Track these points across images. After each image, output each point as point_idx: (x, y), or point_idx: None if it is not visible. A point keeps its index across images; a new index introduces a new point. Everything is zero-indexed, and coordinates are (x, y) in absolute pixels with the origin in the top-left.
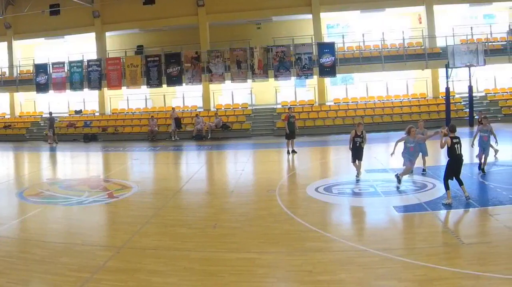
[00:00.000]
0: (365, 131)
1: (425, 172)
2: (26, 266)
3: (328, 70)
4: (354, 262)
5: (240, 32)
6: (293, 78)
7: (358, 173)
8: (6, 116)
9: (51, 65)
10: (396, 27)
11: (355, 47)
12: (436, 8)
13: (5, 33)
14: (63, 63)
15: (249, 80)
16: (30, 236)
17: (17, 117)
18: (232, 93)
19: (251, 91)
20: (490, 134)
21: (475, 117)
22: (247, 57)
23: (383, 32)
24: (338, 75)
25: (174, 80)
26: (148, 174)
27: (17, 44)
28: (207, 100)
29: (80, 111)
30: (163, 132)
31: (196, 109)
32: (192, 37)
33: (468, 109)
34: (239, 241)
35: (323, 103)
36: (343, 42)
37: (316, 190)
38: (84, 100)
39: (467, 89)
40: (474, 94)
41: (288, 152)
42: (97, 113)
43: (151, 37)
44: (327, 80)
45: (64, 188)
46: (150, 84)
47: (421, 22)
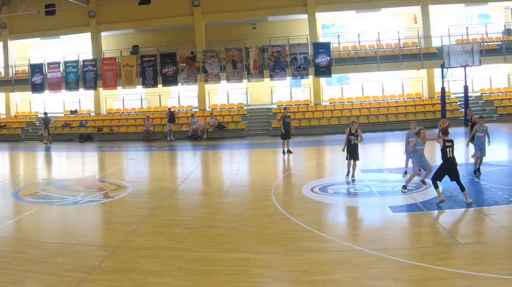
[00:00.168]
0: (359, 130)
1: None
2: (21, 266)
3: (324, 70)
4: (350, 262)
5: (235, 32)
6: (288, 78)
7: (353, 173)
8: (1, 116)
9: (46, 65)
10: (391, 27)
11: (350, 47)
12: (432, 8)
13: (1, 33)
14: (59, 63)
15: (245, 80)
16: (26, 236)
17: (12, 117)
18: (228, 93)
19: (246, 91)
20: (486, 134)
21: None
22: (242, 57)
23: (378, 32)
24: (333, 75)
25: (170, 80)
26: (144, 174)
27: (12, 44)
28: (203, 100)
29: (76, 111)
30: (158, 133)
31: (191, 109)
32: (188, 37)
33: (463, 109)
34: (235, 241)
35: (319, 103)
36: (339, 42)
37: (312, 190)
38: (80, 100)
39: (462, 89)
40: (469, 94)
41: (284, 152)
42: (92, 113)
43: (146, 37)
44: (323, 80)
45: (60, 188)
46: (145, 84)
47: (416, 22)
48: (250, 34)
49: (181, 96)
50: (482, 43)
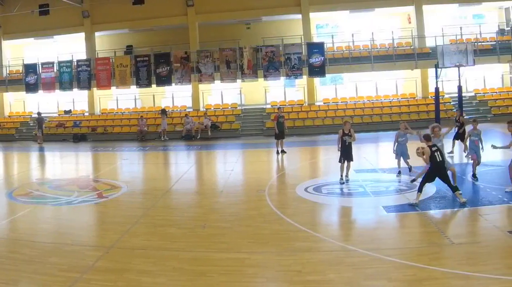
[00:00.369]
0: (352, 129)
1: (411, 172)
2: (15, 266)
3: (318, 70)
4: (344, 262)
5: (229, 32)
6: (282, 78)
7: (346, 173)
8: None
9: (40, 65)
10: (385, 27)
11: (344, 47)
12: (426, 8)
13: None
14: (53, 63)
15: (239, 80)
16: (20, 236)
17: (6, 117)
18: (222, 93)
19: (240, 91)
20: (479, 138)
21: (465, 117)
22: (236, 57)
23: (372, 32)
24: (327, 75)
25: (164, 80)
26: (138, 174)
27: (6, 44)
28: (197, 100)
29: (70, 111)
30: (152, 132)
31: (185, 109)
32: (182, 37)
33: (457, 109)
34: (229, 241)
35: (313, 103)
36: (333, 42)
37: (306, 190)
38: (74, 100)
39: (456, 89)
40: (463, 94)
41: (278, 152)
42: (86, 113)
43: (140, 37)
44: (317, 80)
45: (54, 188)
46: (139, 84)
47: (410, 22)
48: (244, 34)
49: (175, 96)
50: (476, 43)
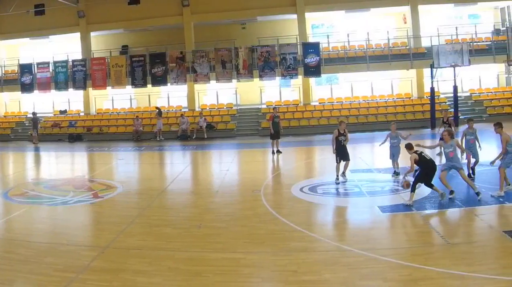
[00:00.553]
0: (347, 130)
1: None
2: (10, 266)
3: (313, 70)
4: (339, 262)
5: (225, 32)
6: (278, 78)
7: (343, 171)
8: None
9: (36, 65)
10: (381, 27)
11: (340, 47)
12: (421, 8)
13: None
14: (48, 63)
15: (234, 80)
16: (15, 236)
17: (1, 117)
18: (217, 93)
19: (236, 91)
20: (475, 137)
21: (460, 117)
22: (232, 57)
23: (368, 32)
24: (323, 75)
25: (159, 80)
26: (133, 174)
27: (1, 44)
28: (192, 100)
29: (65, 111)
30: (148, 132)
31: (181, 109)
32: (177, 37)
33: (453, 109)
34: (224, 241)
35: (308, 103)
36: (328, 42)
37: (301, 190)
38: (69, 100)
39: (452, 89)
40: (459, 94)
41: (273, 152)
42: (82, 113)
43: (136, 37)
44: (312, 80)
45: (49, 188)
46: (135, 84)
47: (406, 22)
48: (240, 34)
49: (171, 96)
50: (471, 43)
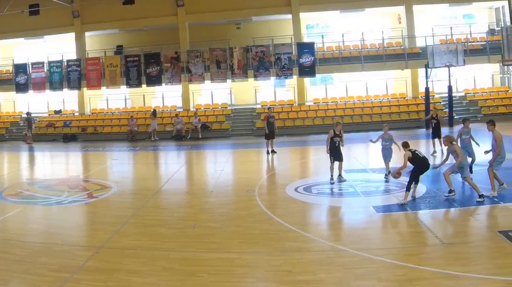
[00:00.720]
0: (343, 131)
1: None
2: (5, 266)
3: (308, 70)
4: (334, 262)
5: (219, 32)
6: (272, 78)
7: (340, 172)
8: None
9: (30, 65)
10: (375, 27)
11: (334, 47)
12: (416, 8)
13: None
14: (43, 63)
15: (229, 80)
16: (10, 236)
17: None
18: (212, 93)
19: (230, 91)
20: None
21: (455, 117)
22: (226, 57)
23: (362, 32)
24: (317, 75)
25: (154, 80)
26: (128, 174)
27: None
28: (187, 100)
29: (60, 111)
30: (142, 132)
31: (175, 109)
32: (172, 37)
33: (447, 110)
34: (219, 241)
35: (303, 103)
36: (323, 42)
37: (296, 190)
38: (64, 100)
39: (446, 89)
40: (453, 94)
41: (268, 152)
42: (76, 113)
43: (130, 37)
44: (307, 80)
45: (44, 188)
46: (129, 84)
47: (400, 22)
48: (234, 34)
49: (165, 96)
50: (466, 43)
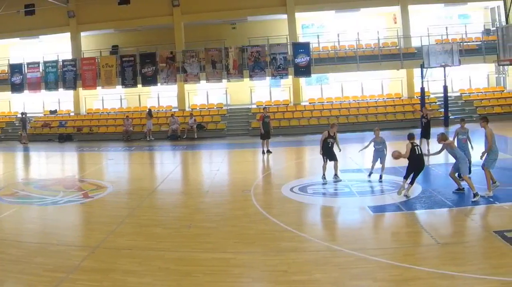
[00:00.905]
0: (337, 133)
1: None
2: (1, 266)
3: (303, 70)
4: (329, 262)
5: (215, 32)
6: (268, 78)
7: (336, 172)
8: None
9: (26, 65)
10: (371, 27)
11: (330, 47)
12: (411, 8)
13: None
14: (38, 63)
15: (224, 80)
16: (5, 236)
17: None
18: (207, 93)
19: (226, 91)
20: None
21: (450, 117)
22: (222, 57)
23: (358, 32)
24: (313, 75)
25: (149, 80)
26: (123, 174)
27: None
28: (182, 100)
29: (55, 111)
30: (138, 132)
31: (171, 109)
32: (167, 37)
33: (443, 109)
34: (214, 241)
35: (298, 103)
36: (318, 42)
37: (291, 190)
38: (59, 100)
39: (442, 89)
40: (449, 94)
41: (263, 152)
42: (72, 113)
43: (126, 37)
44: (302, 80)
45: (39, 188)
46: (125, 84)
47: (396, 22)
48: (230, 34)
49: (161, 96)
50: (461, 43)
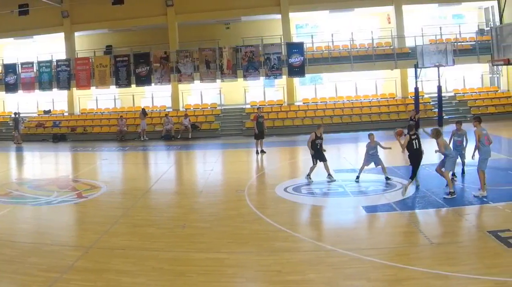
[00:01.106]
0: (323, 133)
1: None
2: None
3: (297, 70)
4: (323, 262)
5: (209, 32)
6: (262, 78)
7: (329, 172)
8: None
9: (20, 65)
10: (365, 27)
11: (324, 47)
12: (405, 8)
13: None
14: (32, 63)
15: (218, 80)
16: None
17: None
18: (201, 93)
19: (220, 91)
20: (464, 138)
21: (444, 117)
22: (216, 57)
23: (352, 32)
24: (307, 75)
25: (143, 80)
26: (117, 174)
27: None
28: (176, 100)
29: (49, 111)
30: (132, 132)
31: (165, 109)
32: (161, 37)
33: (437, 109)
34: (208, 241)
35: (292, 103)
36: (312, 42)
37: (285, 190)
38: (53, 100)
39: (436, 89)
40: (443, 94)
41: (257, 152)
42: (66, 113)
43: (120, 37)
44: (296, 80)
45: (33, 188)
46: (119, 84)
47: (390, 22)
48: (224, 34)
49: (155, 96)
50: (455, 43)
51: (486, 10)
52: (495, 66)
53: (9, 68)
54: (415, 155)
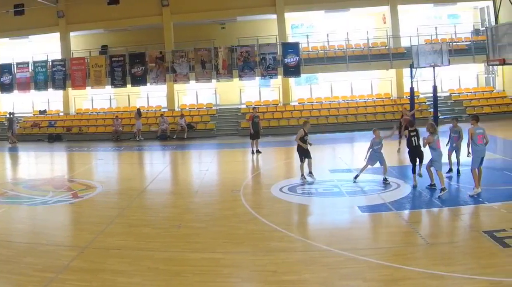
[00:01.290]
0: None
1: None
2: None
3: (293, 70)
4: (319, 262)
5: (204, 32)
6: (257, 78)
7: (310, 169)
8: None
9: (15, 65)
10: (360, 27)
11: (319, 47)
12: (401, 8)
13: None
14: (28, 63)
15: (214, 80)
16: None
17: None
18: (197, 93)
19: (215, 91)
20: (459, 134)
21: (440, 117)
22: (211, 57)
23: (347, 32)
24: (302, 75)
25: (139, 80)
26: (113, 174)
27: None
28: (172, 100)
29: (45, 111)
30: (127, 132)
31: (160, 109)
32: (157, 37)
33: (432, 109)
34: (204, 241)
35: (288, 103)
36: (308, 42)
37: (281, 190)
38: (49, 100)
39: (431, 89)
40: (438, 94)
41: (253, 152)
42: (61, 113)
43: (115, 37)
44: (292, 80)
45: (28, 188)
46: (114, 84)
47: (385, 22)
48: (219, 34)
49: (150, 96)
50: (451, 43)
51: (481, 10)
52: (490, 66)
53: (5, 68)
54: (414, 152)
